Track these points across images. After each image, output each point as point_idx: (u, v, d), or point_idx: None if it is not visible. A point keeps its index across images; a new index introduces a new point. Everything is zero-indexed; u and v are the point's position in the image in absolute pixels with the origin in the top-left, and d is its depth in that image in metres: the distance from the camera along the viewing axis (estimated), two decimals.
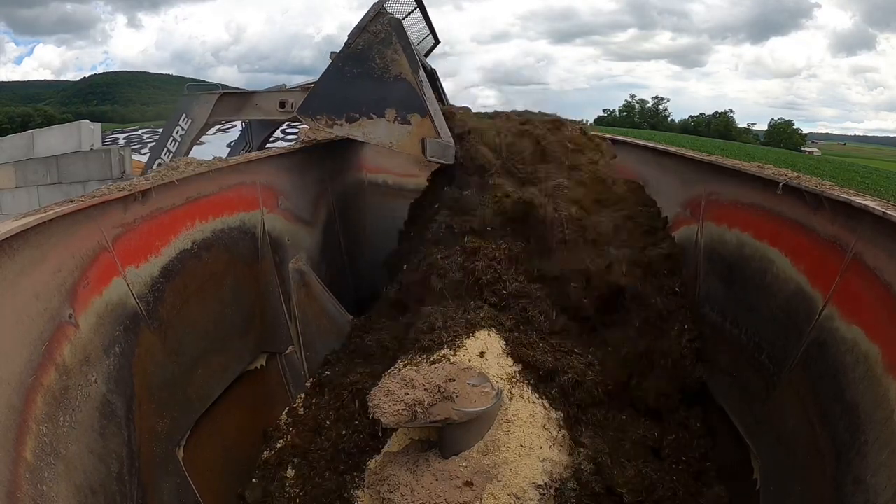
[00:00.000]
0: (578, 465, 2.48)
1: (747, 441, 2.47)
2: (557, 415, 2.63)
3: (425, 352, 2.72)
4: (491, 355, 2.71)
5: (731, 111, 75.68)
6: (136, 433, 2.08)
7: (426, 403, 2.28)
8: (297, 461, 2.87)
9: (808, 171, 7.42)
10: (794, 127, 67.20)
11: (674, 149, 3.90)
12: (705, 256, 3.06)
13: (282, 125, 8.28)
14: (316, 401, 3.22)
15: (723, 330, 2.80)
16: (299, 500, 2.73)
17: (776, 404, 2.29)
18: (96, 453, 1.85)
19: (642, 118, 71.36)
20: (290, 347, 3.39)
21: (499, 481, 2.31)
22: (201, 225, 2.75)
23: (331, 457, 2.85)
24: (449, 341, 2.73)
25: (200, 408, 2.57)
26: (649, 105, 74.99)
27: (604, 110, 79.10)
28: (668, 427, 2.82)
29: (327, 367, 3.48)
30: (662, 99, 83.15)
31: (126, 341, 2.13)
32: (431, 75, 5.03)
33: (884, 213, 1.86)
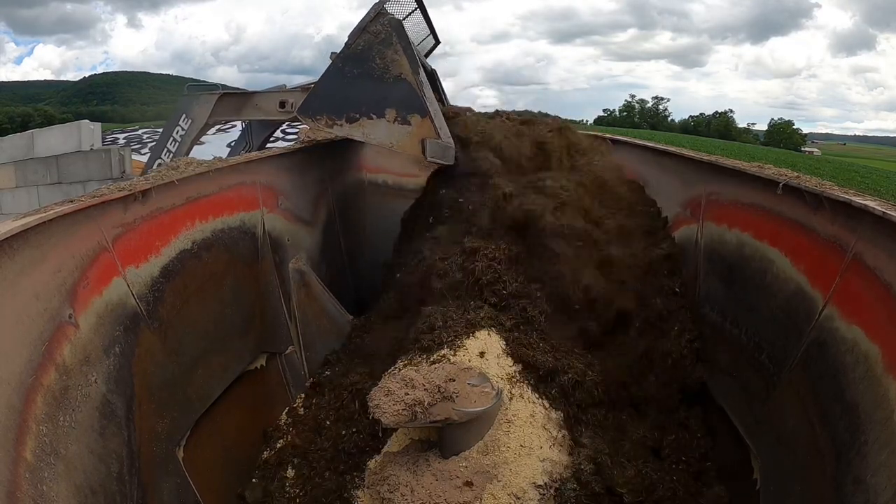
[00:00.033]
0: (578, 465, 2.48)
1: (747, 441, 2.47)
2: (557, 415, 2.63)
3: (425, 352, 2.72)
4: (491, 355, 2.71)
5: (731, 111, 75.75)
6: (136, 433, 2.08)
7: (426, 403, 2.28)
8: (297, 461, 2.87)
9: (808, 171, 7.41)
10: (794, 127, 67.23)
11: (674, 149, 3.91)
12: (705, 256, 3.06)
13: (282, 125, 8.28)
14: (316, 401, 3.22)
15: (723, 330, 2.80)
16: (299, 500, 2.73)
17: (776, 404, 2.29)
18: (96, 453, 1.85)
19: (642, 118, 71.33)
20: (290, 347, 3.39)
21: (499, 481, 2.31)
22: (201, 225, 2.75)
23: (331, 457, 2.85)
24: (449, 341, 2.73)
25: (200, 408, 2.57)
26: (649, 105, 75.05)
27: (604, 110, 79.24)
28: (668, 427, 2.81)
29: (327, 367, 3.48)
30: (662, 99, 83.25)
31: (126, 341, 2.13)
32: (432, 76, 5.03)
33: (884, 213, 1.86)
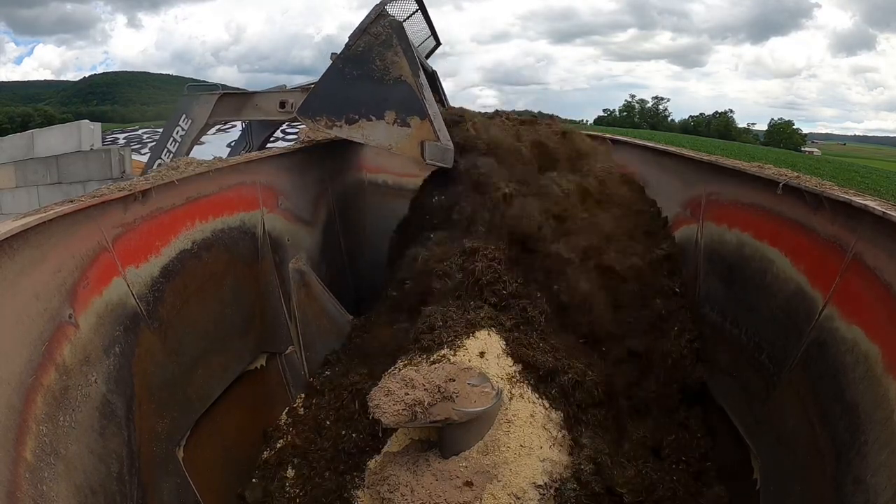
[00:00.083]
0: (578, 465, 2.48)
1: (747, 441, 2.47)
2: (557, 415, 2.63)
3: (425, 352, 2.72)
4: (491, 355, 2.71)
5: (731, 111, 75.70)
6: (136, 433, 2.08)
7: (426, 403, 2.28)
8: (297, 461, 2.87)
9: (808, 171, 7.40)
10: (794, 127, 67.15)
11: (674, 149, 3.91)
12: (705, 256, 3.06)
13: (282, 125, 8.28)
14: (316, 401, 3.22)
15: (723, 330, 2.80)
16: (299, 500, 2.73)
17: (776, 404, 2.29)
18: (96, 453, 1.85)
19: (642, 118, 71.30)
20: (290, 347, 3.39)
21: (499, 481, 2.31)
22: (201, 225, 2.75)
23: (331, 457, 2.85)
24: (449, 341, 2.73)
25: (200, 408, 2.57)
26: (649, 105, 74.99)
27: (604, 110, 79.18)
28: (668, 427, 2.82)
29: (327, 367, 3.48)
30: (662, 99, 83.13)
31: (126, 341, 2.13)
32: (432, 77, 5.03)
33: (884, 213, 1.86)
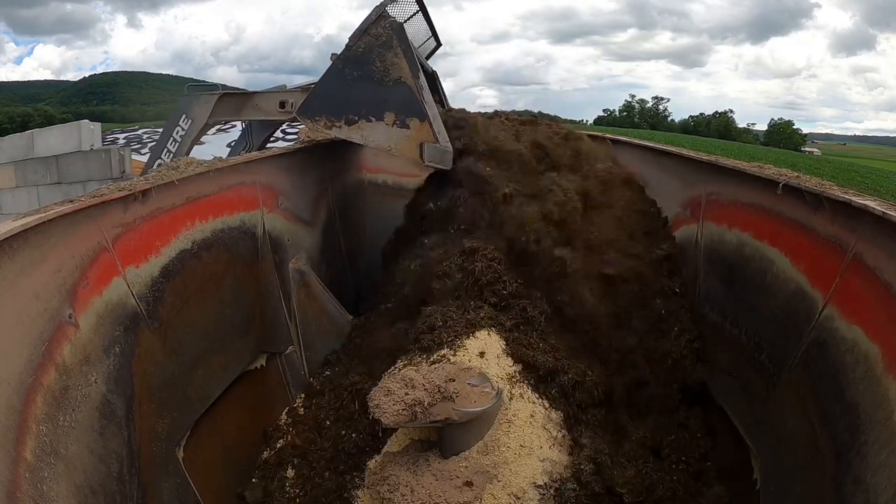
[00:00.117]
0: (578, 466, 2.48)
1: (747, 441, 2.47)
2: (557, 415, 2.63)
3: (425, 352, 2.72)
4: (491, 355, 2.71)
5: (731, 111, 75.66)
6: (136, 433, 2.08)
7: (426, 403, 2.28)
8: (297, 461, 2.87)
9: (808, 171, 7.40)
10: (794, 127, 67.10)
11: (674, 149, 3.91)
12: (705, 256, 3.06)
13: (282, 125, 8.28)
14: (316, 401, 3.22)
15: (723, 330, 2.80)
16: (299, 500, 2.73)
17: (776, 404, 2.29)
18: (96, 453, 1.85)
19: (642, 118, 71.29)
20: (290, 347, 3.39)
21: (499, 481, 2.31)
22: (201, 225, 2.75)
23: (331, 457, 2.85)
24: (449, 341, 2.73)
25: (200, 408, 2.57)
26: (649, 105, 74.98)
27: (604, 110, 79.19)
28: (668, 427, 2.82)
29: (327, 367, 3.48)
30: (662, 99, 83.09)
31: (126, 341, 2.13)
32: (432, 77, 5.02)
33: (884, 213, 1.86)
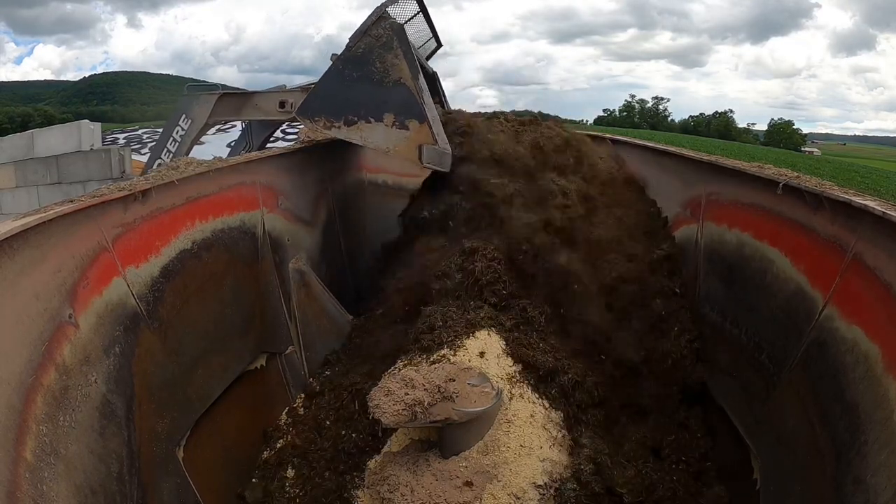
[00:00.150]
0: (578, 466, 2.48)
1: (747, 441, 2.47)
2: (557, 415, 2.63)
3: (425, 352, 2.72)
4: (491, 355, 2.71)
5: (731, 111, 75.65)
6: (136, 433, 2.08)
7: (426, 403, 2.28)
8: (297, 461, 2.87)
9: (808, 171, 7.39)
10: (794, 127, 67.08)
11: (674, 149, 3.91)
12: (705, 256, 3.06)
13: (282, 125, 8.27)
14: (316, 401, 3.22)
15: (723, 330, 2.80)
16: (299, 500, 2.73)
17: (776, 404, 2.29)
18: (96, 453, 1.85)
19: (642, 118, 71.28)
20: (290, 347, 3.39)
21: (499, 481, 2.31)
22: (201, 225, 2.75)
23: (331, 457, 2.85)
24: (449, 341, 2.74)
25: (200, 408, 2.56)
26: (649, 105, 74.96)
27: (604, 110, 79.17)
28: (668, 427, 2.82)
29: (327, 367, 3.48)
30: (662, 99, 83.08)
31: (126, 341, 2.13)
32: (432, 78, 5.02)
33: (884, 213, 1.85)
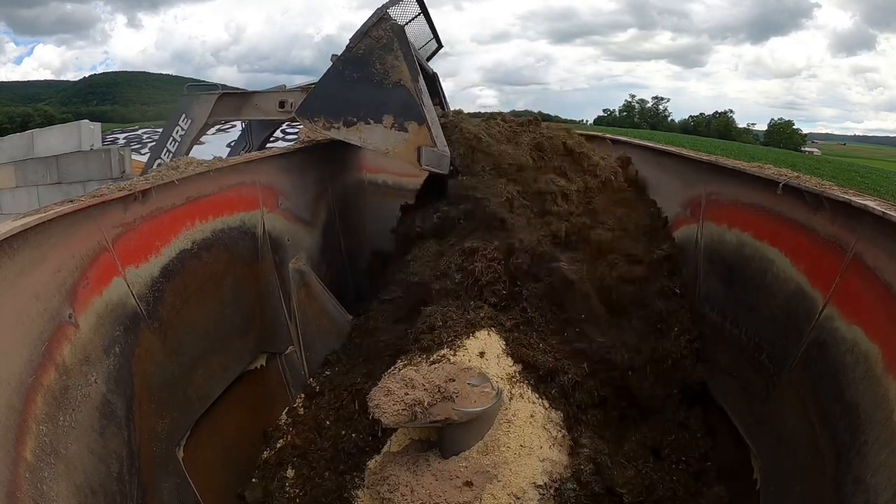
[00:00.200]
0: (578, 466, 2.48)
1: (747, 441, 2.47)
2: (557, 415, 2.63)
3: (425, 352, 2.72)
4: (491, 355, 2.71)
5: (731, 111, 75.68)
6: (136, 433, 2.08)
7: (426, 403, 2.28)
8: (297, 461, 2.87)
9: (808, 171, 7.41)
10: (794, 127, 67.09)
11: (674, 149, 3.91)
12: (705, 256, 3.05)
13: (282, 125, 8.27)
14: (316, 401, 3.22)
15: (723, 330, 2.80)
16: (299, 500, 2.72)
17: (776, 404, 2.29)
18: (96, 453, 1.85)
19: (642, 118, 71.30)
20: (290, 347, 3.39)
21: (499, 481, 2.31)
22: (201, 225, 2.75)
23: (331, 457, 2.85)
24: (449, 341, 2.74)
25: (200, 408, 2.56)
26: (649, 105, 75.01)
27: (604, 110, 79.25)
28: (668, 427, 2.81)
29: (327, 367, 3.48)
30: (662, 99, 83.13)
31: (126, 341, 2.13)
32: (433, 79, 5.02)
33: (884, 213, 1.85)
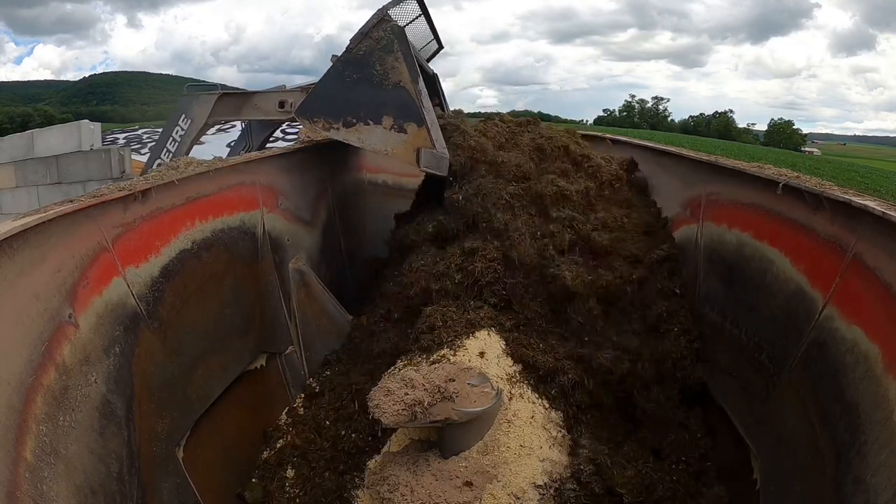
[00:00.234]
0: (578, 466, 2.48)
1: (747, 441, 2.46)
2: (557, 415, 2.64)
3: (425, 352, 2.73)
4: (491, 355, 2.71)
5: (731, 111, 75.69)
6: (136, 433, 2.08)
7: (426, 403, 2.28)
8: (297, 461, 2.87)
9: (808, 171, 7.42)
10: (794, 127, 67.08)
11: (674, 149, 3.91)
12: (705, 256, 3.05)
13: (281, 125, 8.27)
14: (316, 401, 3.22)
15: (723, 330, 2.80)
16: (299, 500, 2.73)
17: (776, 404, 2.29)
18: (96, 453, 1.85)
19: (642, 118, 71.31)
20: (290, 347, 3.39)
21: (499, 481, 2.31)
22: (201, 225, 2.75)
23: (331, 457, 2.85)
24: (449, 341, 2.74)
25: (200, 408, 2.57)
26: (649, 105, 75.03)
27: (604, 110, 79.28)
28: (668, 427, 2.81)
29: (327, 367, 3.48)
30: (662, 99, 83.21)
31: (126, 341, 2.13)
32: (433, 80, 5.01)
33: (884, 213, 1.85)
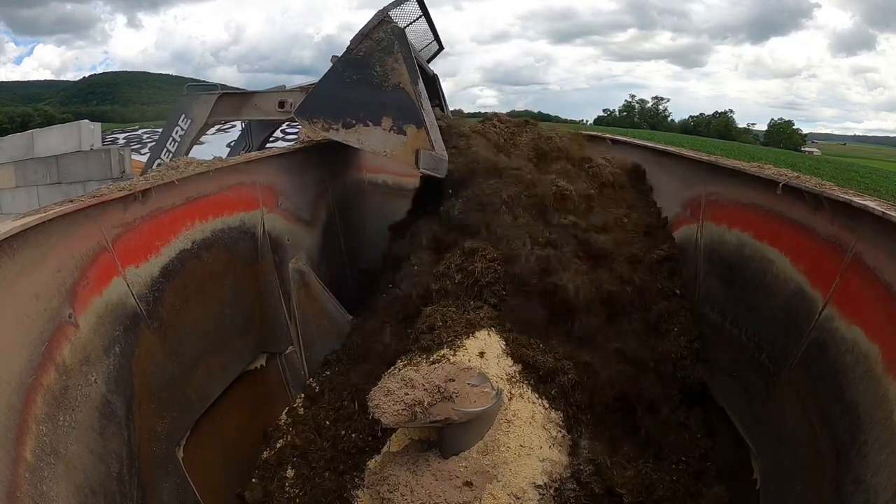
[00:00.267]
0: (578, 466, 2.48)
1: (747, 441, 2.47)
2: (557, 415, 2.63)
3: (425, 352, 2.73)
4: (491, 355, 2.71)
5: (731, 111, 75.57)
6: (136, 433, 2.08)
7: (426, 403, 2.28)
8: (297, 461, 2.87)
9: (808, 171, 7.41)
10: (794, 127, 66.97)
11: (674, 149, 3.91)
12: (705, 256, 3.06)
13: (281, 125, 8.27)
14: (316, 401, 3.22)
15: (723, 330, 2.80)
16: (299, 500, 2.73)
17: (776, 404, 2.29)
18: (96, 453, 1.85)
19: (642, 118, 71.26)
20: (290, 347, 3.39)
21: (498, 481, 2.31)
22: (201, 225, 2.75)
23: (331, 457, 2.85)
24: (449, 341, 2.74)
25: (200, 408, 2.57)
26: (649, 105, 74.94)
27: (604, 110, 79.17)
28: (668, 427, 2.81)
29: (327, 367, 3.48)
30: (662, 99, 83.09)
31: (126, 341, 2.13)
32: (433, 81, 5.01)
33: (884, 213, 1.86)
